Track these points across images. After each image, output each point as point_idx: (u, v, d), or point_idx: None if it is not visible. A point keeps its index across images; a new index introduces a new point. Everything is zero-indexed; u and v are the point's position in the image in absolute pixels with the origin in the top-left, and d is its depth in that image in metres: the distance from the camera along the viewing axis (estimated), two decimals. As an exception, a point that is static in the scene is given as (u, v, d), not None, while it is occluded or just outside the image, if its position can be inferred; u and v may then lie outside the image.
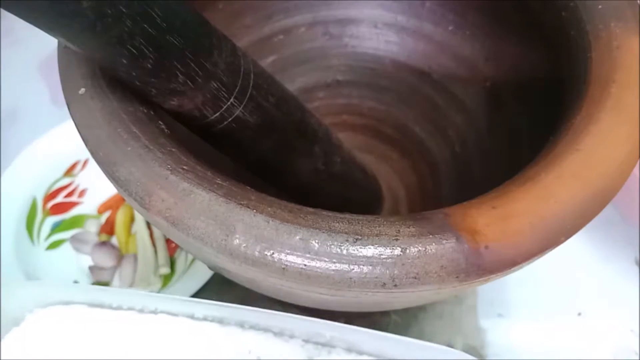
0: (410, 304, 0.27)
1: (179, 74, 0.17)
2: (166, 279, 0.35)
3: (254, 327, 0.20)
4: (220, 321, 0.20)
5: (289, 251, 0.15)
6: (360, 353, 0.19)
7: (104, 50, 0.15)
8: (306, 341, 0.19)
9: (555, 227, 0.16)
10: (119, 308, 0.21)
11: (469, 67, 0.30)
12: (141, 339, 0.20)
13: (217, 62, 0.18)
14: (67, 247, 0.37)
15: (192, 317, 0.21)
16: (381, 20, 0.33)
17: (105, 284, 0.36)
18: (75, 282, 0.36)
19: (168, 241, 0.37)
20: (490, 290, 0.35)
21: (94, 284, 0.36)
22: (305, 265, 0.15)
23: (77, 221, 0.38)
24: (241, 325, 0.20)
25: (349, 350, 0.19)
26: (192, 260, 0.35)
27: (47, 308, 0.21)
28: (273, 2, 0.32)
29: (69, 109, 0.18)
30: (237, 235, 0.15)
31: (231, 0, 0.30)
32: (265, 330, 0.20)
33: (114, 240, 0.38)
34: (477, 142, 0.30)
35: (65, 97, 0.19)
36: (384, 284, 0.15)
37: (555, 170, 0.17)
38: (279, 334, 0.20)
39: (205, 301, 0.21)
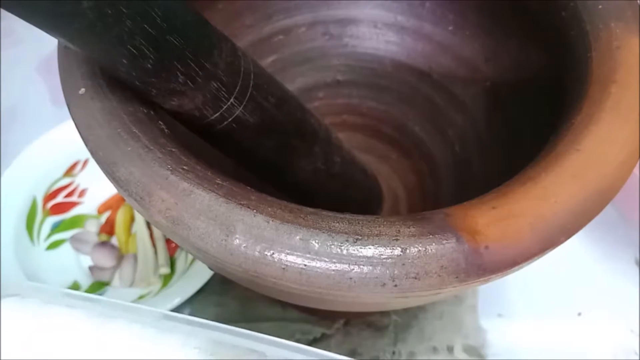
0: (410, 304, 0.27)
1: (179, 74, 0.17)
2: (166, 279, 0.35)
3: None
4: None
5: (289, 251, 0.15)
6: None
7: (104, 50, 0.15)
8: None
9: (555, 227, 0.16)
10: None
11: (469, 67, 0.30)
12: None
13: (217, 62, 0.18)
14: (67, 247, 0.37)
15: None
16: (381, 20, 0.33)
17: (105, 284, 0.36)
18: (75, 282, 0.36)
19: (168, 241, 0.37)
20: (490, 290, 0.35)
21: (93, 284, 0.36)
22: (305, 265, 0.15)
23: (77, 221, 0.38)
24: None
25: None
26: (192, 260, 0.35)
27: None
28: (273, 2, 0.32)
29: (69, 109, 0.18)
30: (237, 235, 0.15)
31: (231, 0, 0.30)
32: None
33: (114, 240, 0.38)
34: (477, 142, 0.30)
35: (65, 97, 0.19)
36: (384, 284, 0.15)
37: (555, 170, 0.17)
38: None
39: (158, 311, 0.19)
